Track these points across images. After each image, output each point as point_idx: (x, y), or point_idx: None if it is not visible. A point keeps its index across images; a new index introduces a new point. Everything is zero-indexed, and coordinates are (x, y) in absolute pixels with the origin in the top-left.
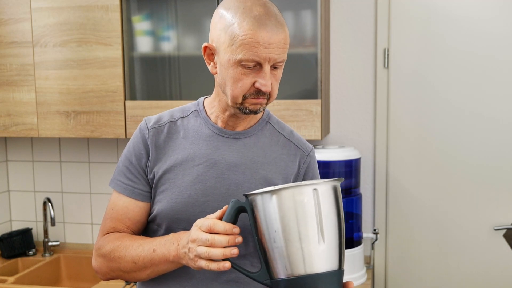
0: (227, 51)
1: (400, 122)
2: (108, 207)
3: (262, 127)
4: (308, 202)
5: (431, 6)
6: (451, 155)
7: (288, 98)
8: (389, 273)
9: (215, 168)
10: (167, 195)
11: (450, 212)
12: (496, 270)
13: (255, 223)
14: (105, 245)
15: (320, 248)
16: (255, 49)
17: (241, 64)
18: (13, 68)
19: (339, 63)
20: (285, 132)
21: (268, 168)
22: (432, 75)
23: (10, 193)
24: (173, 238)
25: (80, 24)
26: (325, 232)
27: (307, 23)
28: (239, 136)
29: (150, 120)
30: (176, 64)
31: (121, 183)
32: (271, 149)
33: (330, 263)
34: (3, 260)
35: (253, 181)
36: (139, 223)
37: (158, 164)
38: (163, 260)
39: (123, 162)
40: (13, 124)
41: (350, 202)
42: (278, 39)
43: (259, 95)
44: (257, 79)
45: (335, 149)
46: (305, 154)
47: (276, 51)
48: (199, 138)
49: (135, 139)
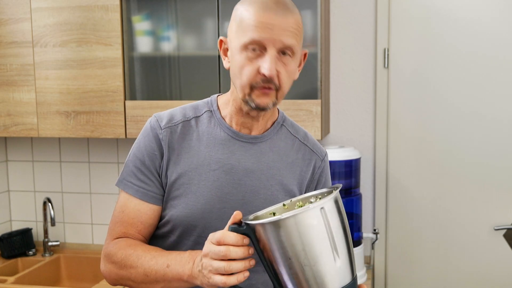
0: (234, 38)
1: (400, 122)
2: (116, 210)
3: (278, 130)
4: (319, 223)
5: (431, 6)
6: (451, 155)
7: (288, 98)
8: (389, 273)
9: (232, 174)
10: (183, 201)
11: (450, 212)
12: (496, 270)
13: (262, 248)
14: (117, 252)
15: (337, 265)
16: (258, 29)
17: (246, 48)
18: (13, 68)
19: (339, 63)
20: (299, 135)
21: (284, 174)
22: (432, 75)
23: (10, 193)
24: (189, 257)
25: (80, 24)
26: (338, 248)
27: (307, 23)
28: (255, 141)
29: (162, 118)
30: (176, 64)
31: (132, 184)
32: (286, 154)
33: (347, 275)
34: (3, 260)
35: (269, 187)
36: (151, 226)
37: (172, 167)
38: (177, 277)
39: (133, 162)
40: (13, 124)
41: (350, 202)
42: (284, 22)
43: (266, 83)
44: (261, 64)
45: (335, 149)
46: (320, 159)
47: (282, 33)
48: (215, 141)
49: (147, 138)
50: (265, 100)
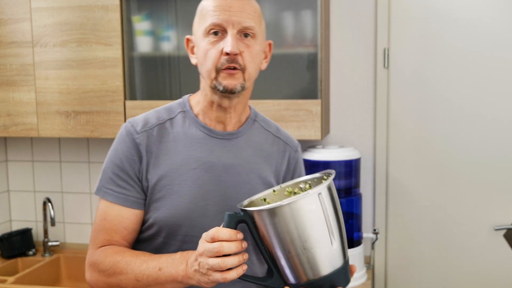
0: (197, 29)
1: (400, 122)
2: (97, 218)
3: (251, 125)
4: (317, 208)
5: (431, 6)
6: (451, 155)
7: (288, 98)
8: (389, 273)
9: (212, 171)
10: (166, 202)
11: (450, 212)
12: (496, 270)
13: (260, 234)
14: (104, 260)
15: (334, 247)
16: (216, 13)
17: (207, 33)
18: (13, 68)
19: (339, 63)
20: (272, 129)
21: (262, 167)
22: (432, 75)
23: (10, 193)
24: (182, 258)
25: (80, 24)
26: (334, 231)
27: (307, 23)
28: (231, 137)
29: (137, 122)
30: (176, 64)
31: (113, 191)
32: (262, 148)
33: (341, 257)
34: (3, 260)
35: (249, 181)
36: (135, 231)
37: (152, 170)
38: (170, 279)
39: (111, 169)
40: (13, 124)
41: (350, 202)
42: (240, 4)
43: (229, 62)
44: (223, 45)
45: (335, 149)
46: (293, 150)
47: (239, 15)
48: (192, 141)
49: (124, 144)
50: (232, 82)
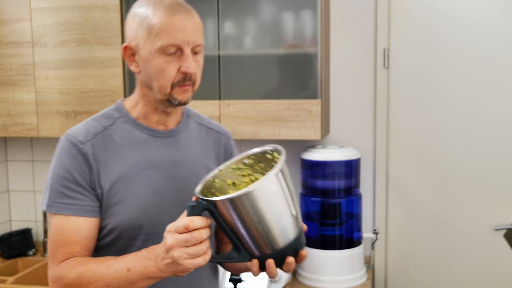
0: (147, 43)
1: (400, 122)
2: (53, 234)
3: (187, 121)
4: (277, 187)
5: (431, 6)
6: (451, 155)
7: (288, 98)
8: (389, 273)
9: (161, 169)
10: (124, 205)
11: (450, 212)
12: (496, 270)
13: (225, 219)
14: (68, 273)
15: (294, 216)
16: (173, 33)
17: (163, 51)
18: (13, 68)
19: (339, 63)
20: (204, 121)
21: (205, 158)
22: (432, 75)
23: (10, 193)
24: (148, 254)
25: (80, 24)
26: (292, 203)
27: (307, 23)
28: (172, 134)
29: (78, 133)
30: None
31: (65, 204)
32: (200, 140)
33: (299, 224)
34: (3, 260)
35: (197, 174)
36: (93, 239)
37: (104, 177)
38: (141, 277)
39: (59, 184)
40: (13, 124)
41: (350, 202)
42: (192, 22)
43: (186, 81)
44: (181, 64)
45: (335, 149)
46: (226, 137)
47: (193, 34)
48: (137, 143)
49: (69, 156)
50: (186, 96)
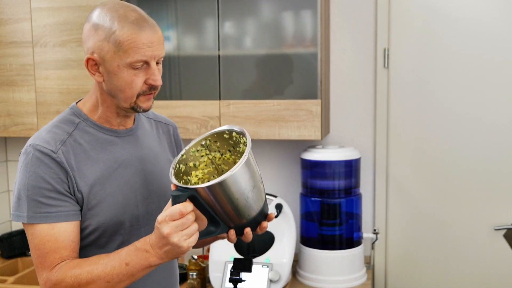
0: (114, 58)
1: (400, 122)
2: (39, 243)
3: (138, 118)
4: (250, 165)
5: (431, 6)
6: (451, 155)
7: (288, 98)
8: (389, 273)
9: (130, 166)
10: (104, 205)
11: (450, 212)
12: (496, 270)
13: (208, 202)
14: (65, 277)
15: (262, 187)
16: (141, 50)
17: (131, 66)
18: (13, 68)
19: (339, 63)
20: (151, 115)
21: (163, 150)
22: (432, 75)
23: (10, 193)
24: (143, 246)
25: (80, 24)
26: (259, 174)
27: (307, 23)
28: (132, 132)
29: (46, 142)
30: (176, 64)
31: (48, 213)
32: (153, 134)
33: (264, 195)
34: (3, 260)
35: (161, 165)
36: (79, 240)
37: (81, 182)
38: (141, 268)
39: (38, 195)
40: (13, 124)
41: (350, 202)
42: (157, 37)
43: (151, 90)
44: (148, 77)
45: (335, 149)
46: (173, 127)
47: (158, 48)
48: (103, 145)
49: (44, 166)
50: (150, 103)
